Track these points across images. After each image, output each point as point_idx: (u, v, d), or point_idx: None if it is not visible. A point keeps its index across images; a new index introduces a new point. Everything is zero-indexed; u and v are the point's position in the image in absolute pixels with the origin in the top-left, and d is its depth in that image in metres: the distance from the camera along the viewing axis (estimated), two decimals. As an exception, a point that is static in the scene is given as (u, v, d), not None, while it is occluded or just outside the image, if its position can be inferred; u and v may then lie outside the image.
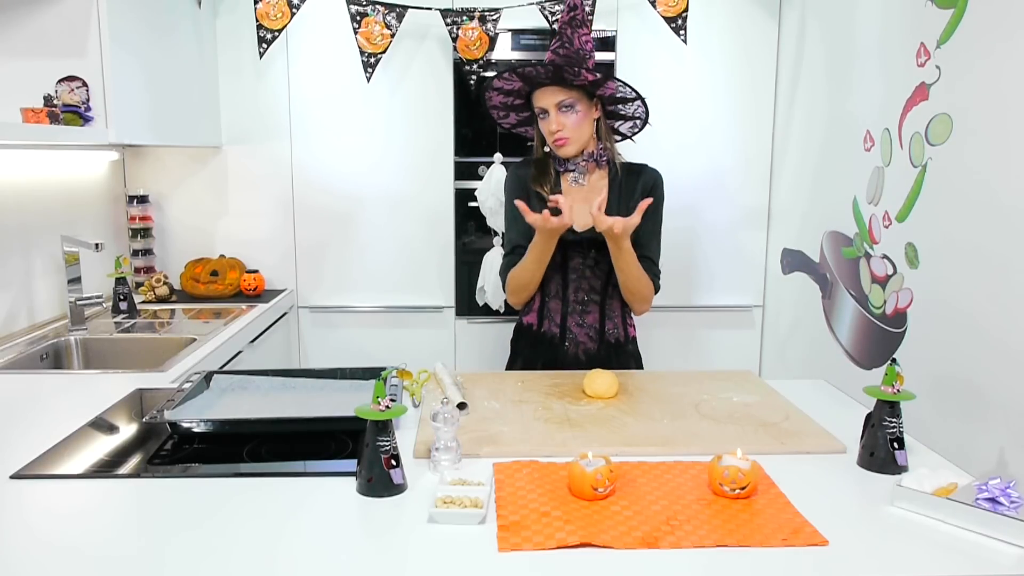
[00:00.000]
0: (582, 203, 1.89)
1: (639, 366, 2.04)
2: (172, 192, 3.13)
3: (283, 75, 3.07)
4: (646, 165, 1.97)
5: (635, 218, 1.73)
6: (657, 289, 1.93)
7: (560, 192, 1.93)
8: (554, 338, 1.97)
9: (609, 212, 1.86)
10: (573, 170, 1.93)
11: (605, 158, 1.93)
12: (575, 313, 1.95)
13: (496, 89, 1.94)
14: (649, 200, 1.75)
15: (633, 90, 1.87)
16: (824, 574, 1.00)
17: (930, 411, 1.99)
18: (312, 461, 1.35)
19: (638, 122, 1.98)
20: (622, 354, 2.00)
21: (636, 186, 1.92)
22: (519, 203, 1.75)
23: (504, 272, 1.97)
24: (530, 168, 1.96)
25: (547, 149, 1.94)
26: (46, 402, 1.70)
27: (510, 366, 2.06)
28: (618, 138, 2.03)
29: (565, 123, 1.84)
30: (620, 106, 1.93)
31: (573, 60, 1.82)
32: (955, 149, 1.96)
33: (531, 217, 1.74)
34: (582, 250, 1.91)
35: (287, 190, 3.15)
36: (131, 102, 2.33)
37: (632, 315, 2.02)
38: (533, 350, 1.99)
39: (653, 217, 1.90)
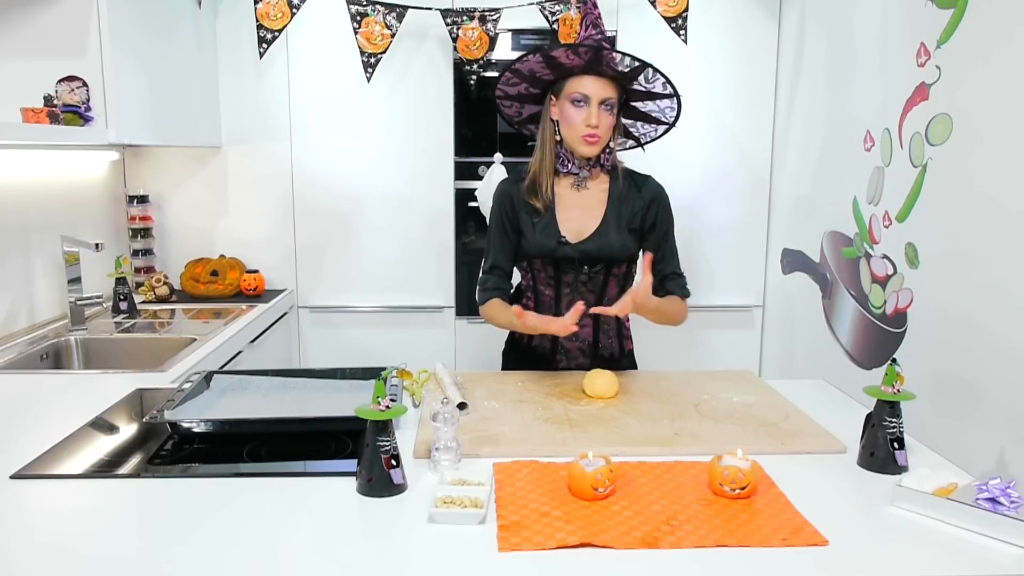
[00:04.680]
0: (580, 210, 1.85)
1: None
2: (172, 192, 3.13)
3: (283, 75, 3.07)
4: (649, 177, 1.90)
5: (643, 292, 1.63)
6: (688, 295, 1.92)
7: (553, 202, 1.84)
8: (545, 353, 1.91)
9: (605, 226, 1.83)
10: (577, 173, 1.84)
11: (610, 163, 1.86)
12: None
13: (548, 60, 1.75)
14: (650, 256, 1.70)
15: (672, 87, 1.78)
16: (824, 574, 1.00)
17: (930, 411, 1.99)
18: (312, 461, 1.34)
19: (659, 127, 1.91)
20: (616, 368, 1.91)
21: (636, 199, 1.85)
22: (516, 309, 1.65)
23: (482, 293, 1.90)
24: (520, 183, 1.88)
25: (558, 137, 1.82)
26: (46, 402, 1.70)
27: None
28: (631, 143, 1.98)
29: (603, 121, 1.75)
30: (646, 102, 1.85)
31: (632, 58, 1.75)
32: (955, 149, 1.96)
33: (526, 320, 1.65)
34: (575, 265, 1.83)
35: (287, 190, 3.15)
36: (131, 102, 2.33)
37: (629, 327, 1.97)
38: (524, 366, 1.93)
39: (667, 234, 1.88)
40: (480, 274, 1.95)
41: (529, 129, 1.98)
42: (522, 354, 1.96)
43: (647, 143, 1.98)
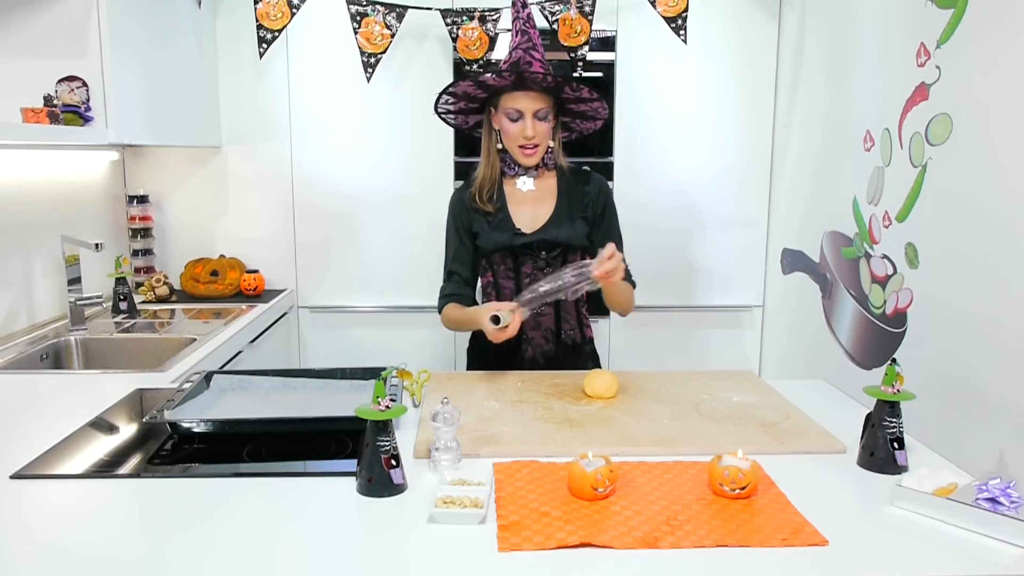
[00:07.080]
0: (532, 204, 1.93)
1: (596, 366, 2.04)
2: (172, 192, 3.13)
3: (283, 75, 3.07)
4: (591, 171, 1.99)
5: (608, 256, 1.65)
6: (634, 285, 1.98)
7: (504, 201, 1.93)
8: (510, 343, 1.92)
9: (558, 215, 1.92)
10: (524, 174, 1.93)
11: (553, 162, 1.95)
12: (530, 317, 1.91)
13: (478, 83, 1.86)
14: (612, 248, 1.68)
15: (596, 94, 1.87)
16: (824, 574, 1.00)
17: (930, 411, 1.99)
18: (312, 461, 1.35)
19: (597, 122, 2.00)
20: (580, 355, 2.01)
21: (584, 191, 1.94)
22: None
23: (443, 300, 1.99)
24: (470, 188, 1.96)
25: (500, 146, 1.92)
26: (46, 402, 1.70)
27: None
28: (572, 135, 2.05)
29: (539, 131, 1.85)
30: (580, 105, 1.93)
31: (552, 65, 1.85)
32: (955, 149, 1.96)
33: (488, 330, 1.71)
34: (533, 253, 1.91)
35: (287, 190, 3.15)
36: (131, 102, 2.33)
37: (588, 316, 2.04)
38: (491, 357, 1.97)
39: (612, 223, 1.97)
40: (442, 282, 2.03)
41: (480, 133, 2.05)
42: (488, 349, 1.97)
43: (584, 136, 2.06)
